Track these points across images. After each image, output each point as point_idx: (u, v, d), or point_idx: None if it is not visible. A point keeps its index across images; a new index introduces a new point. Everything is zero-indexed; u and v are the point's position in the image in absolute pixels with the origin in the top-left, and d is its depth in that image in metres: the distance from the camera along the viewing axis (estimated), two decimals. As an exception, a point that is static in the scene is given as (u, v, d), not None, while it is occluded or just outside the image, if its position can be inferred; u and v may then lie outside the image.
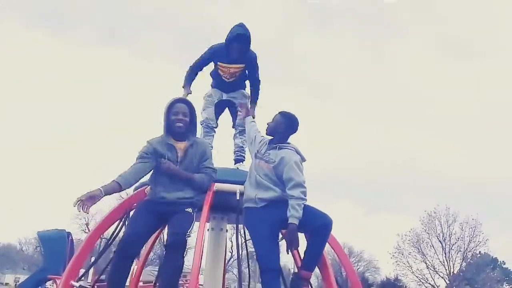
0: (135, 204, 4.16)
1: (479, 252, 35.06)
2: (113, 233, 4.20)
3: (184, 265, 3.34)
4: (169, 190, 3.55)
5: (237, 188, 3.99)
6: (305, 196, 3.56)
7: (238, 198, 3.95)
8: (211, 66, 5.09)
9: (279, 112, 4.01)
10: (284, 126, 3.91)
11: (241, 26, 4.75)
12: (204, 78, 5.19)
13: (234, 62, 4.88)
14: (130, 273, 4.08)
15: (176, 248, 3.27)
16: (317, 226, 3.55)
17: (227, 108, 5.23)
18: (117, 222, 4.16)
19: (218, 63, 4.91)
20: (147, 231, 3.49)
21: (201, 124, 4.88)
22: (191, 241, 3.88)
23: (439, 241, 35.09)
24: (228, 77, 4.96)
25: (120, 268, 3.33)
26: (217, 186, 3.99)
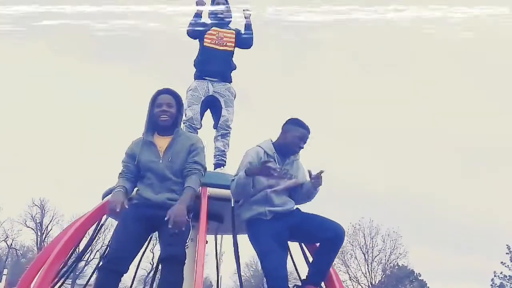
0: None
1: (397, 264, 36.60)
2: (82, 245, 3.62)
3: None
4: (157, 190, 3.07)
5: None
6: None
7: (233, 205, 3.58)
8: (195, 53, 4.81)
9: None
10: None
11: None
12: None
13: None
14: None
15: (174, 262, 2.85)
16: (328, 237, 3.27)
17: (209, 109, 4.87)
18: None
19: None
20: (137, 241, 3.03)
21: (184, 123, 4.42)
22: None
23: (362, 253, 36.22)
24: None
25: (107, 286, 2.83)
26: (211, 191, 3.57)
